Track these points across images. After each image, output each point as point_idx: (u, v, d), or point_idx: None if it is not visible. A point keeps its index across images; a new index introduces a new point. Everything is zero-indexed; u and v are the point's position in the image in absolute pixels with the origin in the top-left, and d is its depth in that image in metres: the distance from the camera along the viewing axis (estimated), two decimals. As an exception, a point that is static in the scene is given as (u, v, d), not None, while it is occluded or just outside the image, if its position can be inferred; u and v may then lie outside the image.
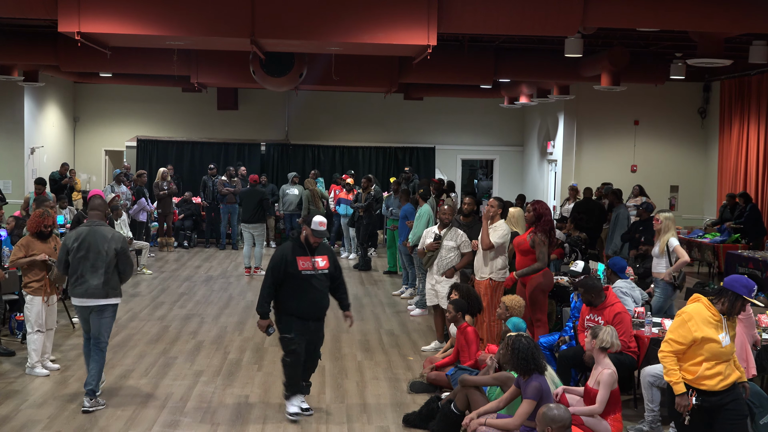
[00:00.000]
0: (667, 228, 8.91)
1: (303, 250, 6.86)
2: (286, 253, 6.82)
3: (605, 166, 18.49)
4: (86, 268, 6.95)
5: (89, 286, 6.96)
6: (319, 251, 6.91)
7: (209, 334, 9.93)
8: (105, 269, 6.96)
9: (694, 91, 18.45)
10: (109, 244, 6.98)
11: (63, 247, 7.08)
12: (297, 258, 6.80)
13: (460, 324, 7.84)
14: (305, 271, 6.80)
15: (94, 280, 6.95)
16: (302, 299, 6.81)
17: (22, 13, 9.63)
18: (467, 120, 22.10)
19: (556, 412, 5.06)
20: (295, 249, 6.86)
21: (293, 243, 6.91)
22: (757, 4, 9.44)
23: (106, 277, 6.97)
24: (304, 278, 6.79)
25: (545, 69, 14.97)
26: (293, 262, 6.78)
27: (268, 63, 12.51)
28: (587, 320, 7.20)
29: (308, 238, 6.86)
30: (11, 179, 17.85)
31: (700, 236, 15.06)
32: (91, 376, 7.05)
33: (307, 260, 6.83)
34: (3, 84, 16.89)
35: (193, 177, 19.70)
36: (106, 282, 6.98)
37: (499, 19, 9.46)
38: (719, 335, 5.12)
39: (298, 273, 6.77)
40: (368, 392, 7.78)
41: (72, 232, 7.16)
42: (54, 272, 7.82)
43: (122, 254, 7.05)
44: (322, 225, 6.86)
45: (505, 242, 8.97)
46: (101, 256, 6.95)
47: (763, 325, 7.49)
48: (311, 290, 6.83)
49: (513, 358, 5.84)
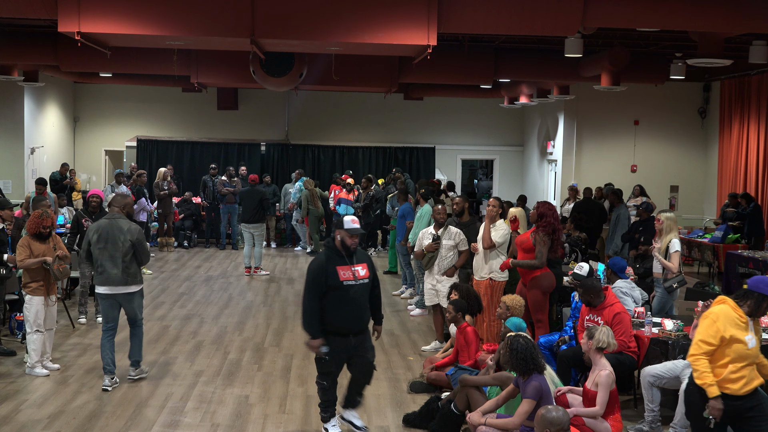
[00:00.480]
0: (669, 228, 8.85)
1: (342, 259, 6.28)
2: (323, 263, 6.23)
3: (605, 166, 18.50)
4: (105, 259, 7.47)
5: (109, 275, 7.48)
6: (358, 259, 6.34)
7: (209, 334, 9.93)
8: (122, 259, 7.46)
9: (694, 91, 18.45)
10: (125, 235, 7.47)
11: (85, 239, 7.67)
12: (337, 268, 6.22)
13: (460, 324, 7.84)
14: (347, 282, 6.22)
15: (113, 270, 7.47)
16: (344, 313, 6.22)
17: (22, 13, 9.63)
18: (467, 120, 22.10)
19: (554, 414, 5.06)
20: (332, 258, 6.26)
21: (329, 251, 6.31)
22: (757, 4, 9.44)
23: (124, 266, 7.48)
24: (345, 290, 6.21)
25: (545, 69, 14.98)
26: (333, 273, 6.19)
27: (268, 63, 12.51)
28: (587, 320, 7.20)
29: (344, 241, 6.28)
30: (11, 179, 17.86)
31: (700, 236, 15.07)
32: (133, 349, 7.84)
33: (347, 269, 6.26)
34: (3, 84, 16.90)
35: (193, 177, 19.70)
36: (124, 270, 7.49)
37: (499, 19, 9.46)
38: (746, 336, 5.09)
39: (339, 284, 6.19)
40: (368, 392, 7.76)
41: (93, 225, 7.70)
42: (54, 272, 7.85)
43: (138, 245, 7.53)
44: (354, 222, 6.34)
45: (505, 242, 8.99)
46: (118, 247, 7.45)
47: (763, 324, 7.49)
48: (352, 302, 6.24)
49: (512, 358, 5.84)
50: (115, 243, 7.45)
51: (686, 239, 15.19)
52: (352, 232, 6.29)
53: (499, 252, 8.99)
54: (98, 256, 7.49)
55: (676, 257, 8.69)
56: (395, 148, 21.29)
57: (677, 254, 8.70)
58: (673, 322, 7.43)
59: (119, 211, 7.67)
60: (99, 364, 8.44)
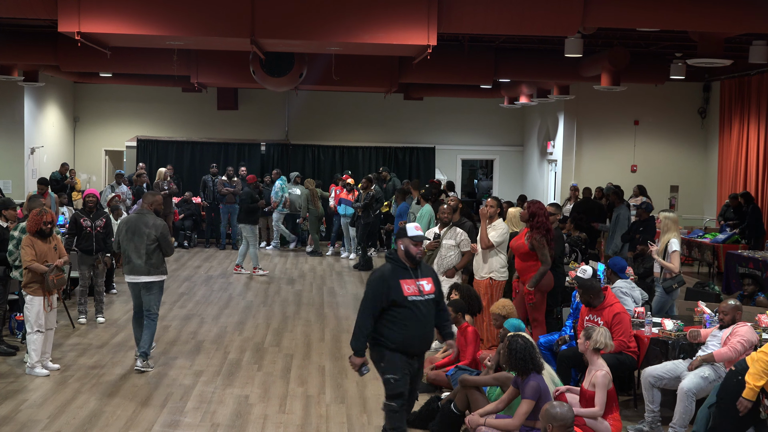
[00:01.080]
0: (668, 228, 8.85)
1: (406, 272, 5.78)
2: (386, 275, 5.75)
3: (605, 166, 18.50)
4: (131, 250, 8.16)
5: (134, 265, 8.15)
6: (423, 273, 5.86)
7: (209, 334, 9.93)
8: (146, 251, 8.12)
9: (694, 91, 18.45)
10: (150, 230, 8.15)
11: (117, 231, 8.41)
12: (401, 282, 5.72)
13: (461, 324, 7.84)
14: (412, 297, 5.73)
15: (138, 260, 8.14)
16: (409, 331, 5.71)
17: (22, 13, 9.63)
18: (467, 120, 22.10)
19: (558, 410, 5.02)
20: (396, 270, 5.77)
21: (393, 263, 5.83)
22: (757, 4, 9.44)
23: (147, 257, 8.13)
24: (410, 306, 5.71)
25: (545, 69, 14.98)
26: (397, 287, 5.69)
27: (268, 63, 12.51)
28: (586, 320, 7.19)
29: (408, 250, 5.79)
30: (11, 179, 17.85)
31: (700, 236, 15.07)
32: (144, 341, 8.24)
33: (412, 284, 5.75)
34: (3, 84, 16.90)
35: (193, 177, 19.69)
36: (147, 261, 8.13)
37: (499, 19, 9.46)
38: None
39: (404, 299, 5.70)
40: (368, 392, 7.77)
41: (124, 218, 8.47)
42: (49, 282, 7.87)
43: (162, 239, 8.19)
44: (418, 229, 5.86)
45: (503, 241, 8.97)
46: (143, 240, 8.13)
47: (763, 325, 7.49)
48: (418, 321, 5.73)
49: (510, 358, 5.84)
50: (141, 236, 8.11)
51: (686, 239, 15.19)
52: (417, 239, 5.79)
53: (498, 251, 8.99)
54: (126, 247, 8.18)
55: (676, 257, 8.67)
56: (395, 148, 21.29)
57: (677, 254, 8.69)
58: (673, 322, 7.43)
59: (148, 207, 8.42)
60: (99, 363, 8.49)
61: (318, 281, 13.94)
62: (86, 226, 10.06)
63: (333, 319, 10.99)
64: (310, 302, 12.13)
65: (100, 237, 10.17)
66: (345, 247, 16.81)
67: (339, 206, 16.53)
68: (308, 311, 11.48)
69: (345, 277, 14.48)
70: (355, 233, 16.15)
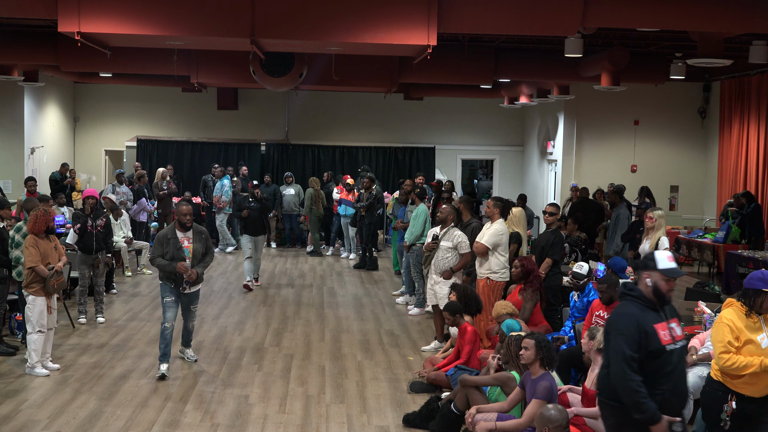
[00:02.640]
0: (660, 225, 8.98)
1: (656, 314, 4.62)
2: (638, 320, 4.53)
3: (605, 166, 18.49)
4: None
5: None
6: (670, 313, 4.71)
7: (209, 334, 9.93)
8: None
9: (694, 91, 18.44)
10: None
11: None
12: (655, 327, 4.55)
13: (460, 324, 7.84)
14: (669, 346, 4.57)
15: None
16: (668, 389, 4.55)
17: (22, 13, 9.62)
18: (467, 120, 22.09)
19: (553, 413, 5.09)
20: (646, 313, 4.58)
21: (639, 303, 4.61)
22: (757, 4, 9.43)
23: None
24: (667, 357, 4.55)
25: (545, 69, 14.97)
26: (654, 335, 4.52)
27: (268, 63, 12.51)
28: (596, 316, 7.18)
29: (657, 287, 4.61)
30: (11, 179, 17.84)
31: (700, 236, 15.06)
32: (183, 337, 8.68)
33: (664, 328, 4.59)
34: (3, 84, 16.89)
35: (193, 177, 19.70)
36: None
37: (499, 19, 9.46)
38: (757, 336, 5.04)
39: (662, 349, 4.53)
40: (368, 392, 7.78)
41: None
42: (49, 287, 7.87)
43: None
44: (671, 260, 4.68)
45: (499, 241, 8.95)
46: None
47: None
48: (675, 374, 4.59)
49: (539, 352, 5.80)
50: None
51: (686, 239, 15.19)
52: (670, 274, 4.61)
53: (497, 252, 8.98)
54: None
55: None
56: (395, 148, 21.29)
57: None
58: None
59: None
60: (99, 363, 8.49)
61: (318, 281, 13.94)
62: (91, 226, 10.09)
63: (333, 319, 10.99)
64: (310, 302, 12.13)
65: (100, 237, 10.18)
66: (345, 247, 16.82)
67: (339, 206, 16.54)
68: (308, 311, 11.48)
69: (345, 277, 14.48)
70: (355, 233, 16.15)
